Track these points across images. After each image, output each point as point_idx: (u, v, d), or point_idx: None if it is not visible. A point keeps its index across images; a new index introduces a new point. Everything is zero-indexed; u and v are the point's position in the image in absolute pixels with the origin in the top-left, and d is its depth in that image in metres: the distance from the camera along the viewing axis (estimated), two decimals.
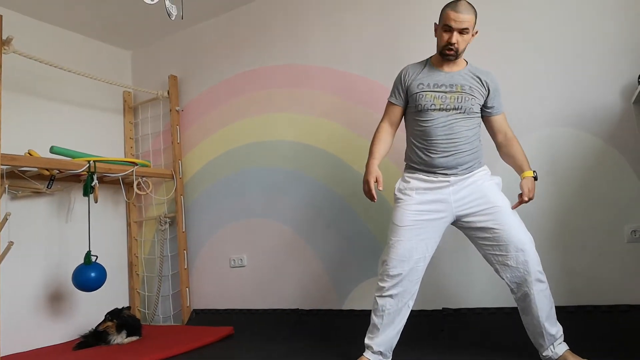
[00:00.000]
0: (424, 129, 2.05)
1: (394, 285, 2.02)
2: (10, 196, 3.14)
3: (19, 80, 3.35)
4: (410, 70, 2.14)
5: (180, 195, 3.76)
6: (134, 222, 3.94)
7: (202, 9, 3.70)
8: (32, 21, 3.56)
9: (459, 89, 2.03)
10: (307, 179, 3.25)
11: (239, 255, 3.49)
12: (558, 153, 2.50)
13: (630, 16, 2.38)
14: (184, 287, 3.63)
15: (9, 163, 2.82)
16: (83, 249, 3.15)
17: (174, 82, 3.91)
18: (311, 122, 3.28)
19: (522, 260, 1.92)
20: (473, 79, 2.06)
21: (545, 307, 1.92)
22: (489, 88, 2.07)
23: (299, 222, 3.26)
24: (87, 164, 3.14)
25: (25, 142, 3.17)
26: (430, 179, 2.04)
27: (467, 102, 2.02)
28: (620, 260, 2.33)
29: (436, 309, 2.70)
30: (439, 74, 2.07)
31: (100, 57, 4.01)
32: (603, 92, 2.41)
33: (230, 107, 3.68)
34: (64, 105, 3.67)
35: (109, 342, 2.96)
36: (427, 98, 2.03)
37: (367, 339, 2.11)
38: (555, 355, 1.90)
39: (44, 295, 3.29)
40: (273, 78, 3.48)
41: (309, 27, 3.37)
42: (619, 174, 2.36)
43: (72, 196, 3.53)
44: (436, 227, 2.03)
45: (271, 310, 3.27)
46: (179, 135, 3.85)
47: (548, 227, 2.49)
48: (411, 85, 2.09)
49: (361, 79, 3.09)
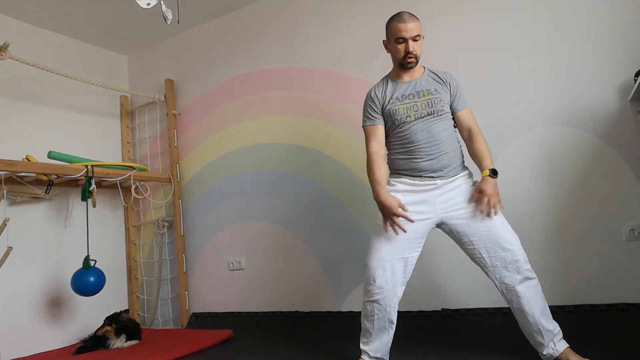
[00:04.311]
0: (405, 138, 2.06)
1: (379, 288, 2.00)
2: (9, 201, 3.15)
3: (16, 85, 3.36)
4: (376, 90, 2.17)
5: (178, 199, 3.76)
6: (132, 226, 3.94)
7: (197, 13, 3.71)
8: (29, 27, 3.57)
9: (426, 94, 2.06)
10: (305, 181, 3.25)
11: (238, 258, 3.49)
12: (555, 152, 2.50)
13: (626, 14, 2.39)
14: (183, 291, 3.63)
15: (7, 168, 2.82)
16: (82, 253, 3.15)
17: (170, 86, 3.92)
18: (308, 125, 3.28)
19: (510, 259, 1.92)
20: (435, 81, 2.11)
21: (539, 304, 1.92)
22: (450, 85, 2.10)
23: (297, 224, 3.26)
24: (84, 168, 3.15)
25: (23, 147, 3.18)
26: (416, 182, 2.04)
27: (437, 104, 2.05)
28: (618, 259, 2.33)
29: (435, 310, 2.70)
30: (403, 85, 2.12)
31: (97, 61, 4.02)
32: (600, 90, 2.41)
33: (226, 110, 3.68)
34: (61, 111, 3.67)
35: (109, 347, 2.96)
36: (401, 112, 2.06)
37: (362, 343, 2.11)
38: (556, 352, 1.89)
39: (43, 300, 3.29)
40: (269, 81, 3.49)
41: (304, 29, 3.37)
42: (616, 172, 2.36)
43: (70, 201, 3.53)
44: (420, 228, 2.02)
45: (270, 312, 3.27)
46: (176, 139, 3.85)
47: (546, 227, 2.49)
48: (386, 103, 2.12)
49: (357, 80, 3.09)
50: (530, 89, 2.58)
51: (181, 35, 4.01)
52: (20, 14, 3.44)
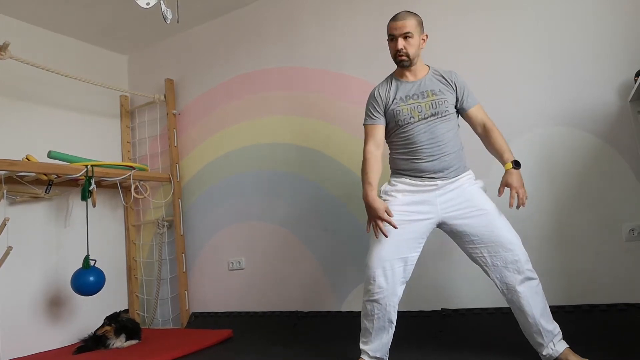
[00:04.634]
0: (407, 139, 2.06)
1: (378, 288, 2.00)
2: (9, 201, 3.15)
3: (16, 85, 3.36)
4: (380, 89, 2.16)
5: (178, 199, 3.76)
6: (132, 225, 3.94)
7: (197, 13, 3.71)
8: (29, 27, 3.57)
9: (430, 95, 2.06)
10: (305, 181, 3.25)
11: (238, 258, 3.49)
12: (555, 152, 2.50)
13: (626, 14, 2.39)
14: (182, 290, 3.63)
15: (7, 168, 2.82)
16: (81, 253, 3.15)
17: (170, 85, 3.92)
18: (308, 125, 3.28)
19: (511, 259, 1.92)
20: (439, 82, 2.10)
21: (539, 304, 1.92)
22: (455, 85, 2.10)
23: (297, 224, 3.26)
24: (84, 168, 3.15)
25: (23, 147, 3.18)
26: (417, 182, 2.04)
27: (441, 105, 2.04)
28: (618, 259, 2.33)
29: (435, 310, 2.70)
30: (407, 84, 2.11)
31: (97, 61, 4.02)
32: (600, 90, 2.41)
33: (226, 110, 3.68)
34: (61, 110, 3.67)
35: (108, 346, 2.96)
36: (405, 112, 2.06)
37: (362, 343, 2.11)
38: (556, 353, 1.89)
39: (43, 299, 3.29)
40: (269, 81, 3.49)
41: (304, 29, 3.37)
42: (616, 172, 2.36)
43: (70, 201, 3.53)
44: (421, 228, 2.02)
45: (270, 312, 3.27)
46: (176, 139, 3.85)
47: (546, 227, 2.49)
48: (387, 103, 2.11)
49: (357, 80, 3.09)
50: (530, 89, 2.58)
51: (181, 35, 4.01)
52: (20, 14, 3.44)
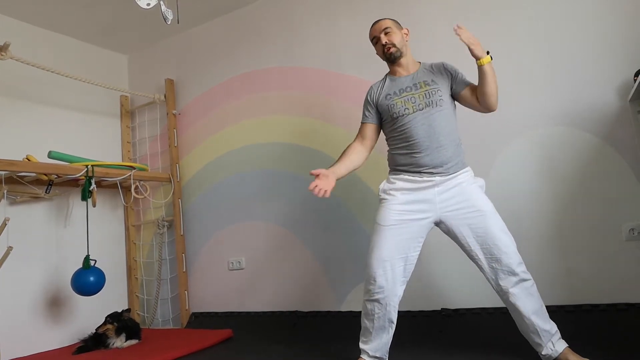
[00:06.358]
0: (404, 132, 2.07)
1: (379, 287, 2.01)
2: (9, 201, 3.15)
3: (16, 85, 3.36)
4: (374, 87, 2.23)
5: (178, 199, 3.76)
6: (132, 225, 3.94)
7: (197, 13, 3.71)
8: (29, 27, 3.57)
9: (423, 85, 2.09)
10: (305, 181, 3.23)
11: (238, 257, 3.49)
12: (555, 152, 2.50)
13: (626, 14, 2.39)
14: (182, 290, 3.63)
15: (7, 168, 2.82)
16: (82, 253, 3.15)
17: (170, 85, 3.92)
18: (308, 125, 3.28)
19: (505, 262, 1.92)
20: (431, 72, 2.14)
21: (534, 305, 1.92)
22: (446, 69, 2.13)
23: (296, 224, 3.26)
24: (85, 168, 3.15)
25: (23, 147, 3.18)
26: (415, 179, 2.04)
27: (435, 94, 2.06)
28: (618, 259, 2.33)
29: (435, 310, 2.70)
30: (400, 80, 2.16)
31: (97, 61, 4.02)
32: (599, 90, 2.41)
33: (226, 110, 3.68)
34: (62, 110, 3.67)
35: (109, 346, 2.97)
36: (399, 105, 2.09)
37: (362, 343, 2.11)
38: (555, 353, 1.89)
39: (43, 299, 3.29)
40: (269, 81, 3.49)
41: (304, 29, 3.37)
42: (616, 172, 2.36)
43: (71, 201, 3.53)
44: (420, 227, 2.03)
45: (270, 312, 3.27)
46: (176, 139, 3.85)
47: (546, 226, 2.49)
48: (379, 99, 2.16)
49: (357, 80, 3.09)
50: (530, 89, 2.58)
51: (181, 35, 4.01)
52: (20, 14, 3.44)
